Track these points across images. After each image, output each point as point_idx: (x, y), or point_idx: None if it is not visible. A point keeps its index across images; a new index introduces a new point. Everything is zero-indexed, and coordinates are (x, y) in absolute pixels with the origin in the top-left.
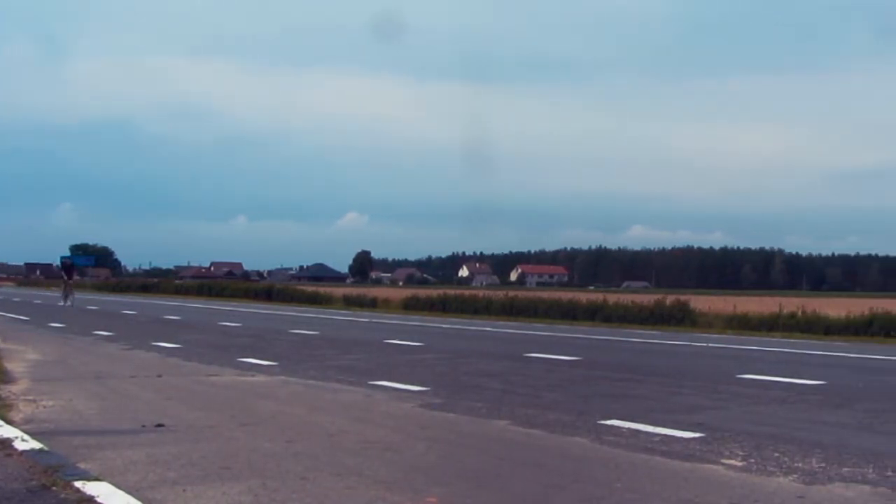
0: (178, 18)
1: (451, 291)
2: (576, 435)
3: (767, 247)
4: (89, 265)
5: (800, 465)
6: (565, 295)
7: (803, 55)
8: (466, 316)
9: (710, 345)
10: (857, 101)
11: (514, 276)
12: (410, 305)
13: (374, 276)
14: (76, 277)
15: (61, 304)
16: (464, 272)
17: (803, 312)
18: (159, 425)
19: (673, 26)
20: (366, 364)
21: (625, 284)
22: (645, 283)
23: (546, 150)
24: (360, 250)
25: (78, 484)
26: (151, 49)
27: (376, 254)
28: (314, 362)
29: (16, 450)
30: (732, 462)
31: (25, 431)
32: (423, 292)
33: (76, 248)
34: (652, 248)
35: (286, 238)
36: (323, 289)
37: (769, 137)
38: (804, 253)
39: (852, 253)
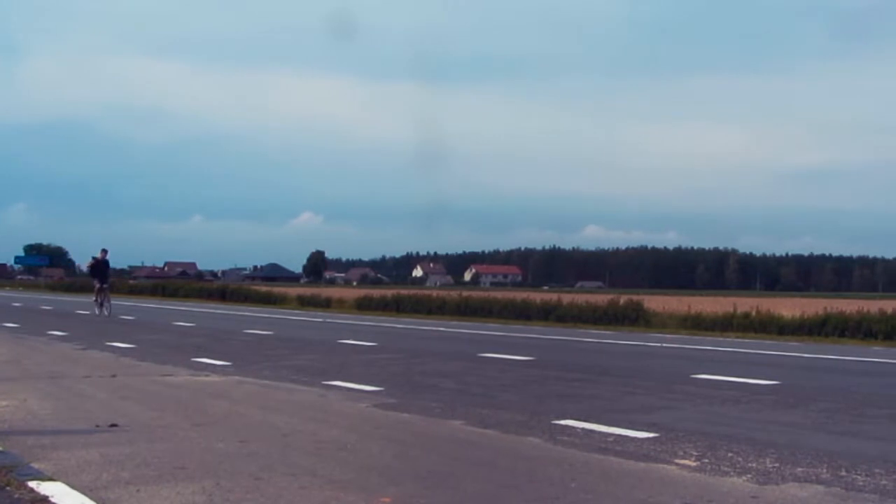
0: (134, 19)
1: (405, 291)
2: (530, 435)
3: (721, 247)
4: (43, 265)
5: (753, 464)
6: (519, 295)
7: (758, 56)
8: (420, 316)
9: (665, 345)
10: (811, 100)
11: (468, 276)
12: (364, 305)
13: (328, 276)
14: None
15: (97, 312)
16: (418, 272)
17: (757, 312)
18: (113, 425)
19: (628, 27)
20: (320, 364)
21: (579, 284)
22: (599, 283)
23: (500, 150)
24: (314, 250)
25: (32, 484)
26: (106, 50)
27: (330, 254)
28: (268, 362)
29: None
30: (686, 462)
31: None
32: (377, 292)
33: (30, 248)
34: (606, 248)
35: (240, 238)
36: (277, 289)
37: (724, 137)
38: (758, 253)
39: (806, 253)
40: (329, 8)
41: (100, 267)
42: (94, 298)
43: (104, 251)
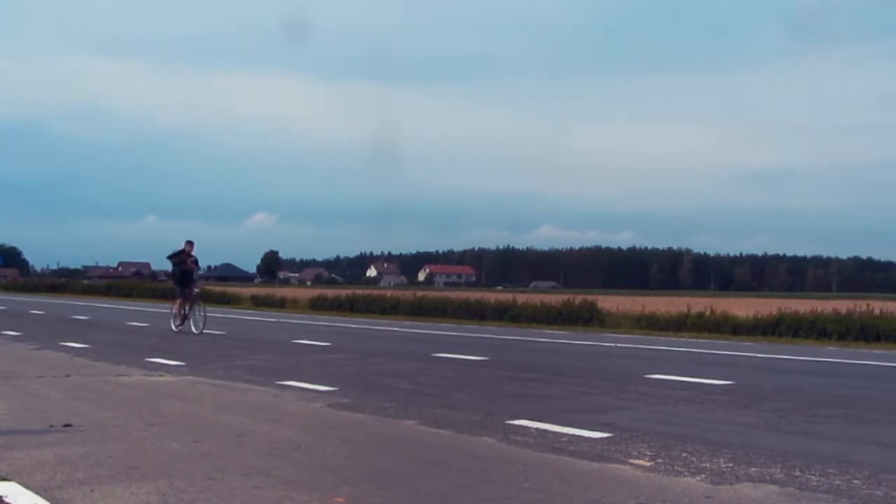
0: (87, 19)
1: (359, 291)
2: (483, 435)
3: (675, 247)
4: None
5: (707, 465)
6: (473, 295)
7: (712, 56)
8: (374, 316)
9: (619, 345)
10: (765, 101)
11: (422, 276)
12: (318, 305)
13: (281, 276)
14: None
15: (176, 327)
16: (372, 272)
17: (711, 312)
18: (67, 425)
19: (583, 26)
20: (274, 364)
21: (533, 284)
22: (553, 283)
23: (455, 150)
24: (268, 250)
25: None
26: (59, 49)
27: (284, 254)
28: (222, 362)
29: None
30: (640, 462)
31: None
32: (330, 292)
33: None
34: (560, 248)
35: (195, 238)
36: (231, 289)
37: (678, 138)
38: (712, 253)
39: (760, 253)
40: (284, 8)
41: (185, 265)
42: (173, 309)
43: (190, 243)
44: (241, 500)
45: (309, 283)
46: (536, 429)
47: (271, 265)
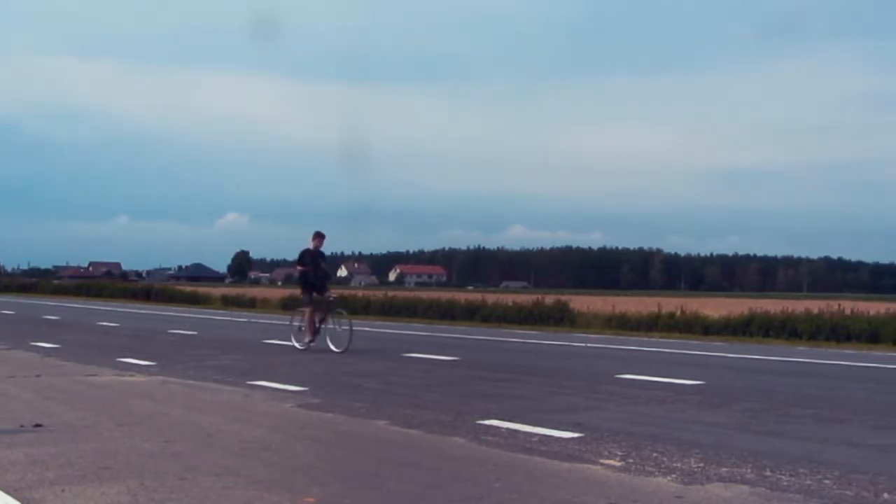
0: (60, 19)
1: None
2: (454, 435)
3: (646, 247)
4: None
5: (678, 465)
6: (444, 295)
7: (683, 56)
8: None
9: (589, 345)
10: (736, 101)
11: (392, 276)
12: (289, 305)
13: (252, 276)
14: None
15: (304, 344)
16: (342, 272)
17: (682, 312)
18: (38, 425)
19: (554, 27)
20: (244, 364)
21: (503, 284)
22: (524, 283)
23: (427, 150)
24: (238, 250)
25: None
26: (30, 49)
27: (255, 254)
28: (193, 362)
29: None
30: (611, 462)
31: None
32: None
33: None
34: (531, 248)
35: (165, 238)
36: (201, 289)
37: (649, 138)
38: (683, 253)
39: (730, 253)
40: (254, 8)
41: (318, 265)
42: (297, 321)
43: (320, 236)
44: (211, 500)
45: (280, 283)
46: (507, 429)
47: (242, 265)
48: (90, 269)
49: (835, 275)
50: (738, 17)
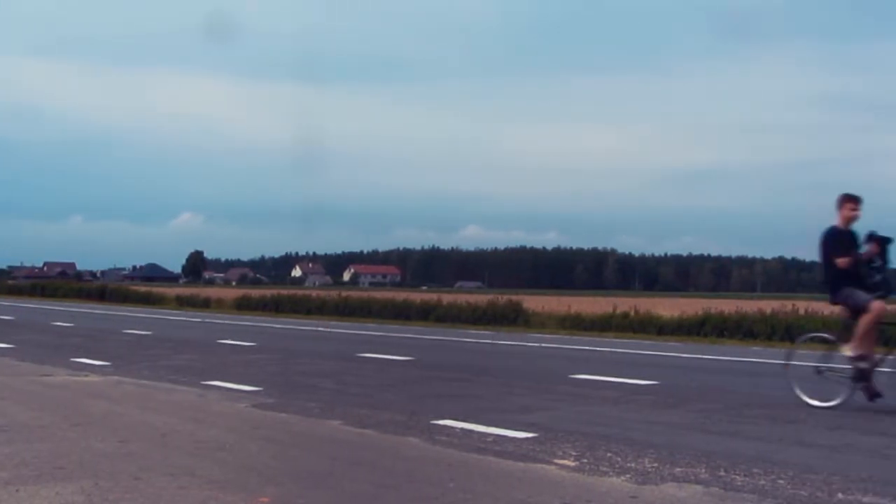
0: (16, 19)
1: (284, 291)
2: (409, 435)
3: (600, 247)
4: None
5: (632, 465)
6: (398, 295)
7: (639, 56)
8: (299, 316)
9: (543, 345)
10: (690, 101)
11: (346, 277)
12: (243, 305)
13: (206, 277)
14: None
15: (842, 395)
16: (297, 272)
17: (636, 312)
18: None
19: (508, 27)
20: (199, 364)
21: (458, 284)
22: (478, 283)
23: (381, 151)
24: (193, 250)
25: None
26: None
27: (209, 254)
28: (147, 362)
29: None
30: (565, 462)
31: None
32: (255, 292)
33: None
34: (485, 248)
35: (120, 238)
36: (156, 289)
37: (603, 138)
38: (637, 253)
39: (685, 253)
40: (210, 8)
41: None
42: (851, 345)
43: (853, 200)
44: (166, 500)
45: (234, 283)
46: (461, 429)
47: (196, 265)
48: (45, 269)
49: (789, 275)
50: (696, 16)
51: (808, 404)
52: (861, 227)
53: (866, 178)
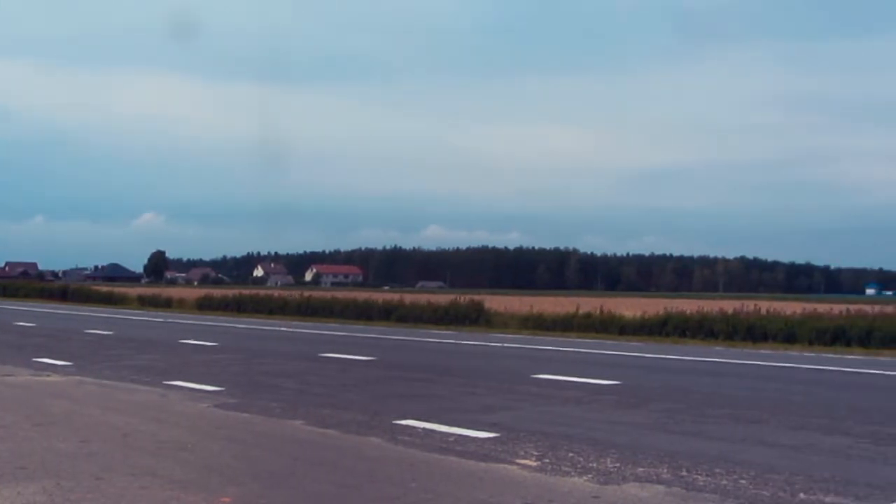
0: None
1: (246, 291)
2: (371, 435)
3: (562, 247)
4: None
5: (594, 465)
6: (361, 295)
7: (601, 56)
8: (262, 316)
9: (506, 345)
10: (653, 101)
11: (309, 277)
12: (205, 305)
13: (168, 276)
14: None
15: None
16: (259, 272)
17: (599, 312)
18: None
19: (471, 27)
20: (161, 364)
21: (420, 284)
22: (440, 283)
23: (344, 151)
24: (155, 250)
25: None
26: None
27: (171, 254)
28: (109, 362)
29: None
30: (527, 462)
31: None
32: (217, 292)
33: None
34: (447, 248)
35: (82, 238)
36: (118, 289)
37: (566, 138)
38: (599, 253)
39: (647, 253)
40: (174, 8)
41: None
42: None
43: None
44: (128, 499)
45: (196, 283)
46: (423, 429)
47: (158, 265)
48: (6, 268)
49: (751, 275)
50: (656, 17)
51: None
52: (820, 227)
53: (827, 178)
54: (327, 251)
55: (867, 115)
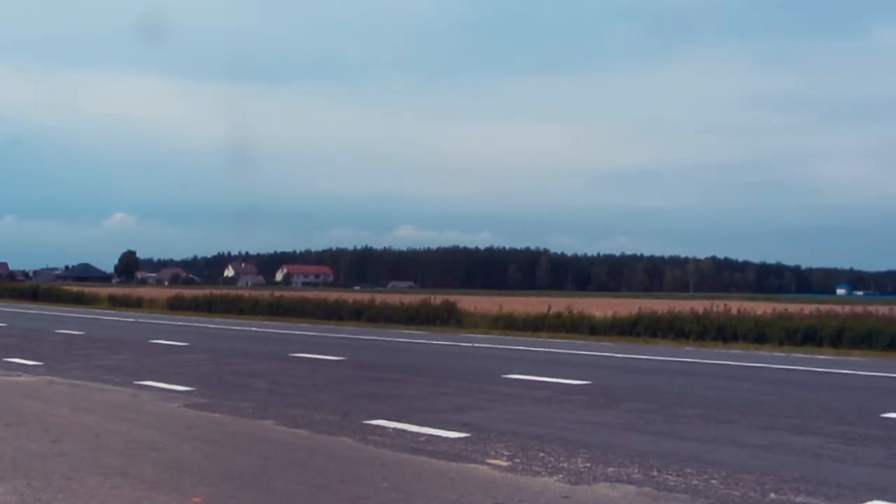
0: None
1: (217, 291)
2: (342, 435)
3: (533, 247)
4: None
5: (565, 465)
6: (331, 295)
7: (570, 56)
8: (232, 316)
9: (476, 345)
10: (623, 101)
11: (279, 277)
12: (176, 305)
13: (139, 277)
14: None
15: None
16: (229, 272)
17: (569, 312)
18: None
19: (444, 28)
20: (132, 364)
21: (391, 284)
22: (411, 283)
23: (315, 151)
24: (125, 250)
25: None
26: None
27: (142, 254)
28: (80, 362)
29: None
30: (498, 462)
31: None
32: (188, 292)
33: None
34: (418, 248)
35: (53, 238)
36: (88, 289)
37: (537, 138)
38: (570, 253)
39: (618, 253)
40: (145, 8)
41: None
42: None
43: None
44: (98, 499)
45: (166, 283)
46: (394, 429)
47: (129, 265)
48: None
49: (721, 275)
50: (629, 16)
51: None
52: (791, 227)
53: (800, 179)
54: (298, 251)
55: (839, 116)
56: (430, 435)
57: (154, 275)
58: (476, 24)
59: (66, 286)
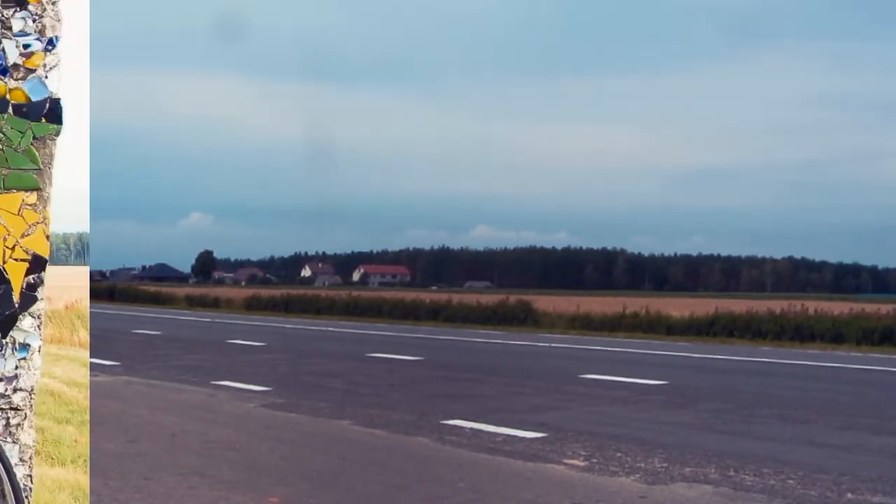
0: None
1: (294, 291)
2: (419, 435)
3: (610, 247)
4: None
5: (642, 465)
6: (408, 295)
7: (647, 56)
8: (309, 316)
9: (553, 345)
10: (699, 101)
11: (356, 277)
12: (253, 305)
13: (216, 276)
14: None
15: None
16: (306, 272)
17: (646, 312)
18: None
19: (523, 28)
20: (209, 364)
21: (467, 284)
22: (487, 283)
23: (392, 151)
24: (202, 250)
25: None
26: None
27: (219, 254)
28: (157, 362)
29: None
30: (575, 462)
31: None
32: (265, 292)
33: None
34: (495, 248)
35: (129, 238)
36: (165, 289)
37: (613, 138)
38: (647, 253)
39: (694, 253)
40: (219, 8)
41: None
42: None
43: None
44: (176, 499)
45: (243, 283)
46: (471, 429)
47: (206, 265)
48: None
49: (798, 275)
50: (705, 16)
51: None
52: (867, 227)
53: (874, 178)
54: (375, 251)
55: None
56: (507, 435)
57: (231, 275)
58: (556, 25)
59: (143, 286)
